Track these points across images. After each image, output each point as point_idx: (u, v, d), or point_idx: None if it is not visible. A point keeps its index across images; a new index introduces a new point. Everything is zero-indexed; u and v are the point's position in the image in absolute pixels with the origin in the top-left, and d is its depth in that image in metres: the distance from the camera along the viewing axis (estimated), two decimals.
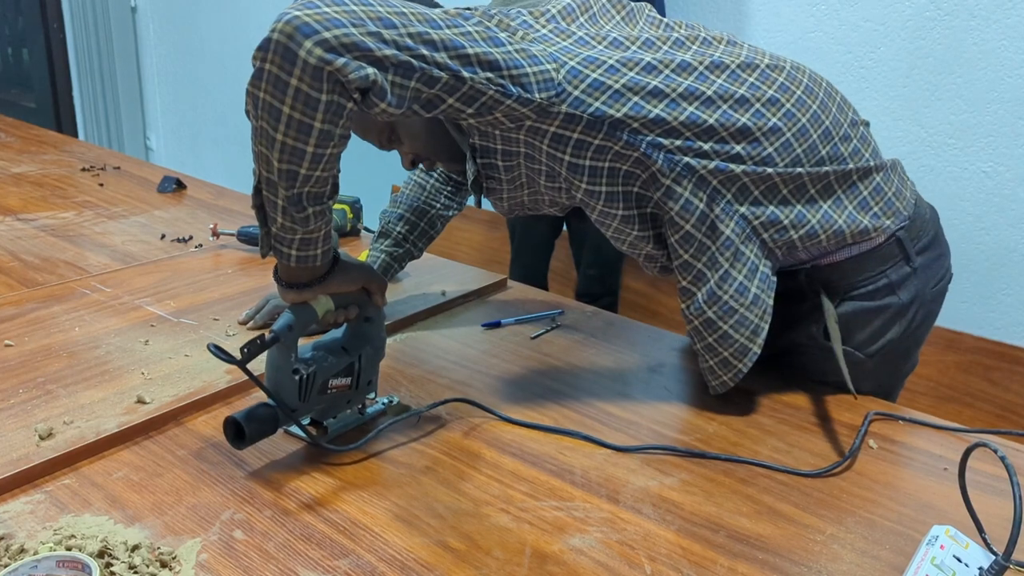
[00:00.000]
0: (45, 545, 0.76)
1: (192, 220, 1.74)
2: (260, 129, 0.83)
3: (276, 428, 0.90)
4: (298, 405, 0.92)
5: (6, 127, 2.60)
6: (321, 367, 0.93)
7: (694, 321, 1.07)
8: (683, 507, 0.89)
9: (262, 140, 0.84)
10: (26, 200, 1.82)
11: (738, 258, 1.04)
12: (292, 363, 0.90)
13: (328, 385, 0.95)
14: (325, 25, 0.78)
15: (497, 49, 0.90)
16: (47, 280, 1.37)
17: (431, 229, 1.37)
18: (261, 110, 0.82)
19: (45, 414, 0.95)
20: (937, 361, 2.21)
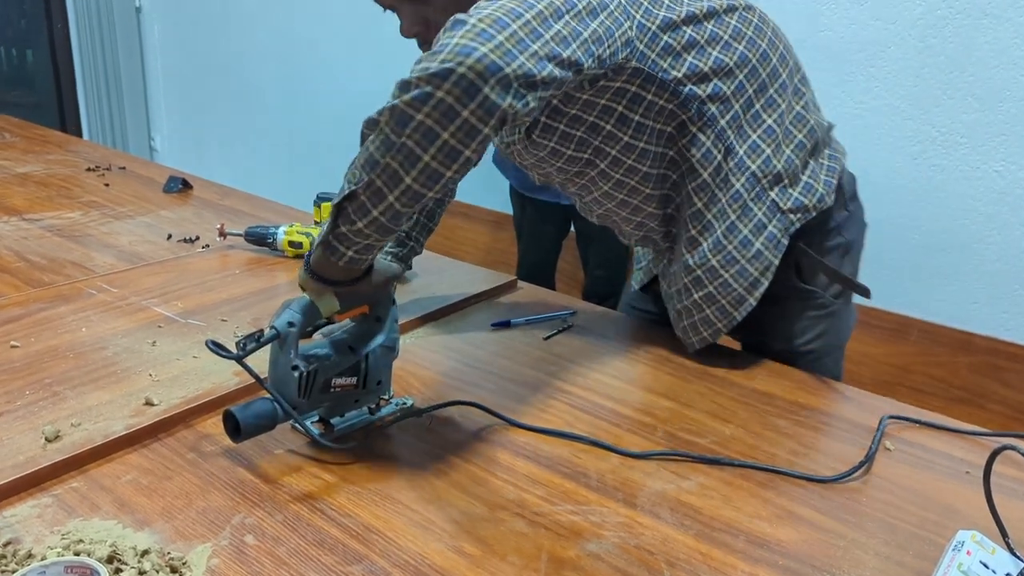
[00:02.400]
0: (53, 550, 0.74)
1: (198, 220, 1.73)
2: (403, 146, 0.82)
3: (275, 424, 0.90)
4: (298, 402, 0.91)
5: (10, 127, 2.59)
6: (323, 365, 0.92)
7: (696, 271, 1.16)
8: (701, 511, 0.87)
9: (398, 156, 0.83)
10: (31, 200, 1.81)
11: (746, 212, 1.13)
12: (292, 359, 0.89)
13: (331, 384, 0.93)
14: (505, 60, 0.81)
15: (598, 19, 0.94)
16: (53, 280, 1.35)
17: (430, 221, 1.36)
18: (412, 130, 0.81)
19: (52, 416, 0.94)
20: (949, 362, 2.19)
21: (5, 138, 2.42)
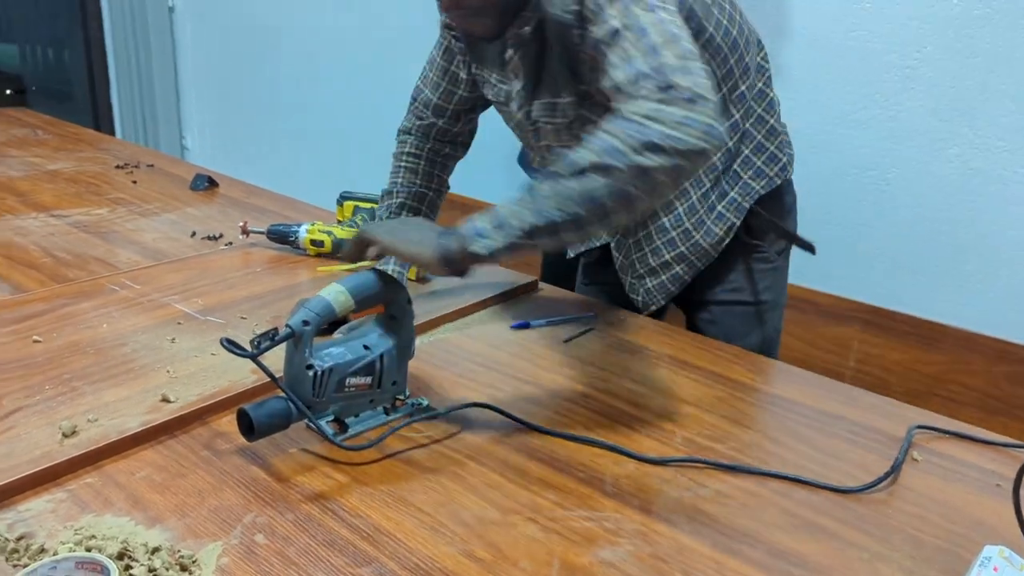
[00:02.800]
0: (65, 545, 0.74)
1: (223, 218, 1.74)
2: (634, 196, 0.88)
3: (289, 423, 0.89)
4: (312, 401, 0.90)
5: (44, 124, 2.62)
6: (338, 364, 0.92)
7: (671, 232, 1.30)
8: (718, 520, 0.85)
9: (622, 201, 0.89)
10: (60, 197, 1.83)
11: (716, 182, 1.28)
12: (306, 358, 0.89)
13: (346, 383, 0.93)
14: (721, 123, 0.91)
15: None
16: (78, 276, 1.36)
17: (438, 199, 1.43)
18: (649, 186, 0.88)
19: (70, 411, 0.94)
20: (985, 371, 2.14)
21: (38, 135, 2.46)
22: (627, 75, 0.92)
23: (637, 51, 0.92)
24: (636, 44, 0.93)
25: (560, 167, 0.90)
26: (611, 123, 0.90)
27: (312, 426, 0.94)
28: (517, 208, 0.90)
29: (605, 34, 0.95)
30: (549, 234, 0.90)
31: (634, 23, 0.94)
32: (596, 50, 0.97)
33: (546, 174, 0.91)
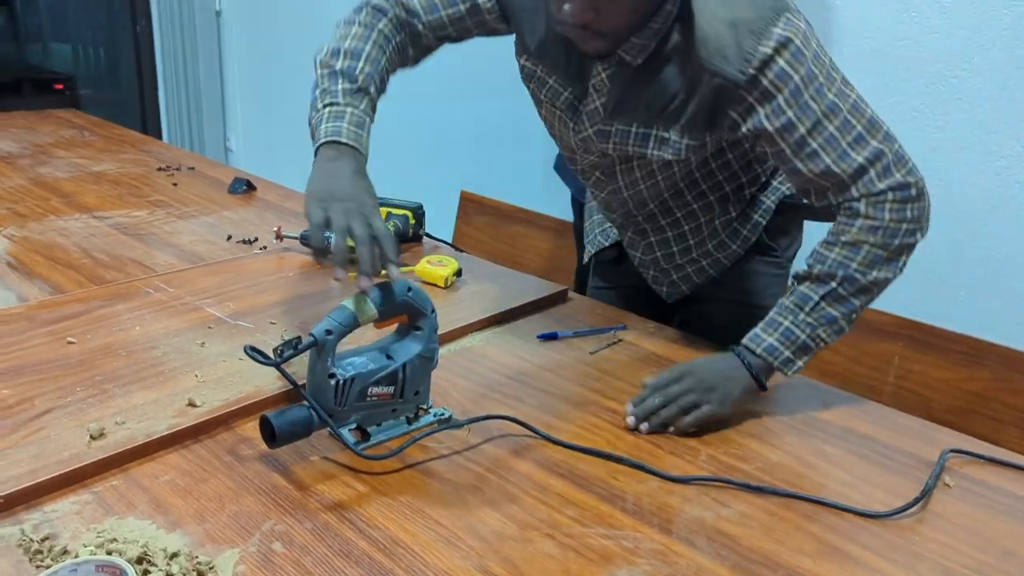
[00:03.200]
0: (87, 548, 0.76)
1: (259, 222, 1.76)
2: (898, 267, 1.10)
3: (311, 431, 0.90)
4: (334, 409, 0.91)
5: (90, 125, 2.68)
6: (360, 373, 0.92)
7: (693, 251, 1.33)
8: (740, 542, 0.84)
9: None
10: (103, 198, 1.87)
11: (745, 210, 1.32)
12: (329, 367, 0.90)
13: (368, 392, 0.93)
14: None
15: None
16: (115, 278, 1.39)
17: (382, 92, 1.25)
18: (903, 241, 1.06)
19: (99, 413, 0.96)
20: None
21: (85, 137, 2.51)
22: (849, 169, 1.03)
23: (847, 143, 1.03)
24: (846, 135, 1.03)
25: (839, 284, 1.05)
26: (864, 231, 1.04)
27: (334, 434, 0.94)
28: (814, 330, 1.07)
29: (802, 118, 1.02)
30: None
31: (832, 109, 1.02)
32: (784, 128, 1.03)
33: (825, 290, 1.06)
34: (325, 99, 1.08)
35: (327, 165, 1.03)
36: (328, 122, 1.06)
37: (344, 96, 1.08)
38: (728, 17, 1.00)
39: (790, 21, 1.00)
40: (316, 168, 1.04)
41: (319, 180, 1.02)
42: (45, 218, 1.70)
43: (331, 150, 1.04)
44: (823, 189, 1.07)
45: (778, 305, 1.10)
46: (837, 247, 1.06)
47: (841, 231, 1.06)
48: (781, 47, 0.99)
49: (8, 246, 1.52)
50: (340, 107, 1.07)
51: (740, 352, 1.09)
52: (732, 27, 1.00)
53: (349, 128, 1.06)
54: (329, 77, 1.09)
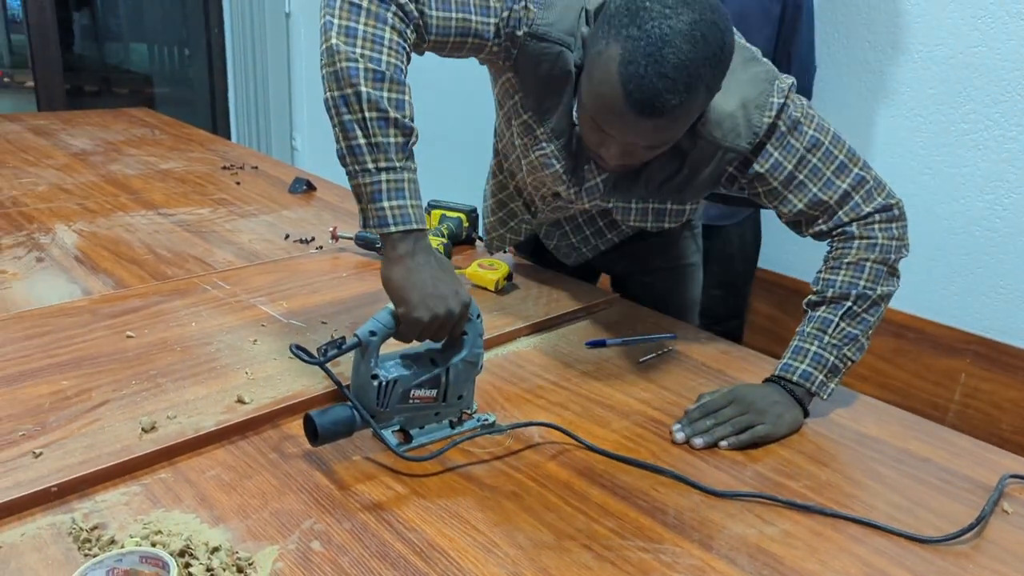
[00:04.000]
0: (132, 539, 0.78)
1: (316, 222, 1.79)
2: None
3: (352, 431, 0.91)
4: (377, 410, 0.92)
5: (161, 124, 2.76)
6: (403, 376, 0.93)
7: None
8: (783, 561, 0.82)
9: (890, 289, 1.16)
10: (169, 195, 1.92)
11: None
12: (372, 368, 0.91)
13: (410, 395, 0.94)
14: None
15: None
16: (175, 274, 1.43)
17: None
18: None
19: (151, 407, 0.98)
20: None
21: (155, 135, 2.59)
22: (835, 195, 1.11)
23: (830, 172, 1.11)
24: (828, 165, 1.11)
25: (854, 303, 1.10)
26: (863, 250, 1.11)
27: (376, 435, 0.95)
28: (840, 351, 1.09)
29: (788, 156, 1.11)
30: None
31: (814, 143, 1.11)
32: (773, 167, 1.12)
33: (842, 311, 1.10)
34: (379, 160, 0.94)
35: (413, 265, 0.94)
36: (390, 198, 0.95)
37: (398, 154, 0.95)
38: (738, 99, 1.08)
39: (779, 86, 1.09)
40: (397, 265, 0.94)
41: (414, 280, 0.93)
42: (113, 214, 1.75)
43: (408, 241, 0.95)
44: (813, 219, 1.15)
45: (799, 334, 1.12)
46: (842, 270, 1.12)
47: (841, 255, 1.13)
48: (780, 112, 1.09)
49: (77, 240, 1.58)
50: (397, 172, 0.95)
51: (779, 381, 1.10)
52: (743, 108, 1.09)
53: (413, 207, 0.96)
54: (380, 124, 0.94)
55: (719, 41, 0.94)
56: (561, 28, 1.08)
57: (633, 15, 0.92)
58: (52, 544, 0.77)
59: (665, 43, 0.91)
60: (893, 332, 2.42)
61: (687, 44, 0.91)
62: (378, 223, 0.95)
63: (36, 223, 1.66)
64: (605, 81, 0.94)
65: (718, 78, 0.97)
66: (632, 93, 0.92)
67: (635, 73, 0.92)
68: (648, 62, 0.91)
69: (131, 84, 4.94)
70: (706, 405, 1.06)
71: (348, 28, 0.95)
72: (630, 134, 0.98)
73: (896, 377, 2.45)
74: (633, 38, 0.92)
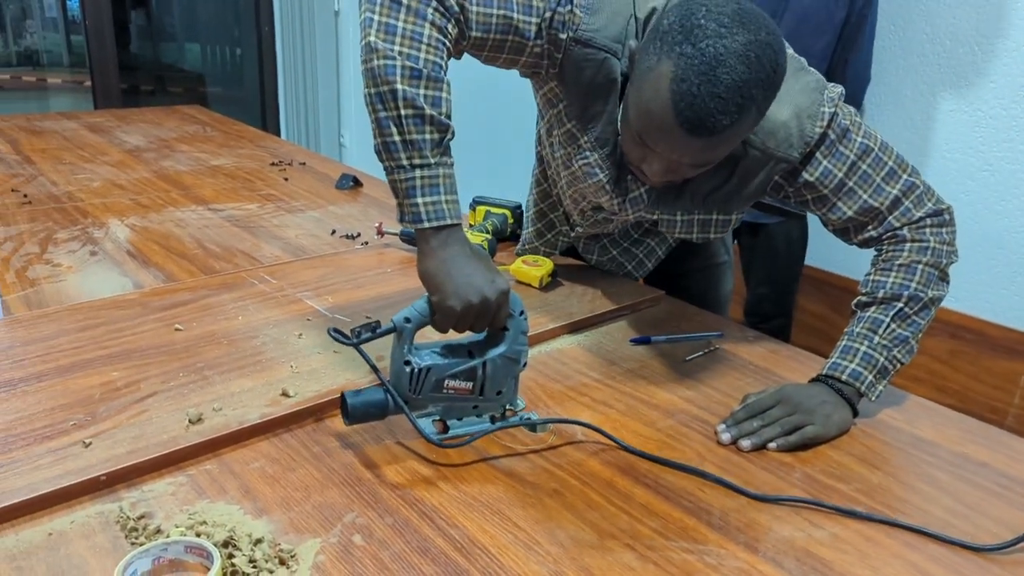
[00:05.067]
0: (178, 529, 0.78)
1: (363, 217, 1.80)
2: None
3: (385, 414, 0.93)
4: (409, 396, 0.93)
5: (213, 122, 2.81)
6: (437, 365, 0.93)
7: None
8: (832, 566, 0.80)
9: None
10: (219, 191, 1.95)
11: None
12: (405, 354, 0.92)
13: (444, 385, 0.95)
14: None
15: None
16: (224, 268, 1.45)
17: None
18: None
19: (198, 399, 0.99)
20: None
21: (207, 132, 2.63)
22: (885, 201, 1.11)
23: (880, 179, 1.10)
24: (878, 172, 1.10)
25: (906, 304, 1.08)
26: (915, 253, 1.10)
27: (409, 421, 0.95)
28: (890, 352, 1.07)
29: (838, 164, 1.10)
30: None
31: (864, 151, 1.10)
32: (823, 175, 1.11)
33: (893, 311, 1.08)
34: (413, 157, 0.95)
35: (447, 256, 0.95)
36: (423, 194, 0.95)
37: (433, 151, 0.95)
38: (791, 109, 1.07)
39: (828, 95, 1.09)
40: (431, 258, 0.95)
41: (447, 270, 0.94)
42: (164, 209, 1.78)
43: (442, 235, 0.96)
44: (862, 225, 1.14)
45: (847, 334, 1.10)
46: (893, 272, 1.10)
47: (892, 257, 1.12)
48: (831, 121, 1.09)
49: (129, 235, 1.61)
50: (432, 168, 0.95)
51: (827, 380, 1.07)
52: (796, 117, 1.08)
53: (448, 202, 0.96)
54: (415, 121, 0.94)
55: (772, 63, 0.92)
56: (607, 35, 1.07)
57: (687, 32, 0.90)
58: (100, 532, 0.79)
59: (719, 63, 0.89)
60: (950, 333, 2.36)
61: (741, 65, 0.89)
62: (412, 219, 0.96)
63: (91, 218, 1.70)
64: (655, 98, 0.93)
65: (769, 99, 0.96)
66: (683, 112, 0.91)
67: (687, 92, 0.90)
68: (701, 81, 0.89)
69: (185, 83, 5.04)
70: (752, 405, 1.03)
71: (387, 25, 0.95)
72: (676, 152, 0.97)
73: (953, 380, 2.39)
74: (687, 56, 0.90)
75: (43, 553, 0.76)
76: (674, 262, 1.48)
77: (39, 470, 0.84)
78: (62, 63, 4.82)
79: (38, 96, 4.70)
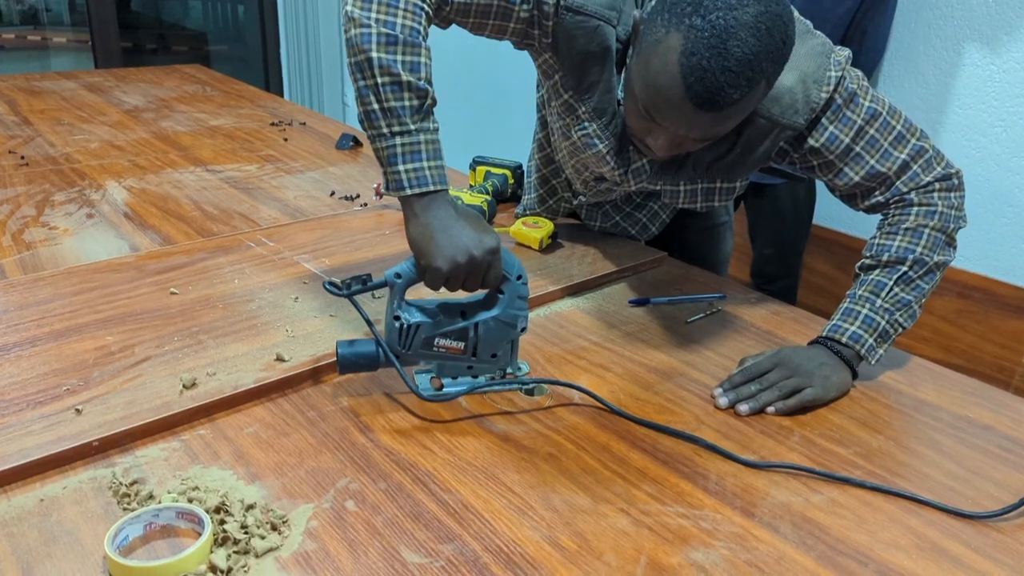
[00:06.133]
0: (170, 495, 0.78)
1: (362, 178, 1.77)
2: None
3: (376, 365, 0.95)
4: (399, 351, 0.94)
5: (213, 81, 2.77)
6: (425, 322, 0.94)
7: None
8: (829, 531, 0.79)
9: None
10: (217, 152, 1.93)
11: None
12: (395, 309, 0.93)
13: (435, 343, 0.95)
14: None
15: None
16: (221, 231, 1.43)
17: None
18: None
19: (192, 363, 0.99)
20: None
21: (206, 92, 2.60)
22: (893, 166, 1.08)
23: (888, 143, 1.08)
24: (885, 136, 1.08)
25: (910, 268, 1.06)
26: (922, 216, 1.07)
27: (399, 373, 0.95)
28: (892, 316, 1.05)
29: (844, 129, 1.07)
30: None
31: (872, 115, 1.07)
32: (829, 140, 1.08)
33: (897, 275, 1.06)
34: (392, 124, 0.93)
35: (431, 219, 0.93)
36: (404, 161, 0.93)
37: (413, 117, 0.93)
38: (796, 74, 1.04)
39: (835, 58, 1.06)
40: (415, 223, 0.94)
41: (431, 233, 0.93)
42: (162, 171, 1.77)
43: (425, 200, 0.94)
44: (869, 191, 1.12)
45: (849, 296, 1.08)
46: (899, 235, 1.08)
47: (899, 221, 1.09)
48: (837, 85, 1.06)
49: (127, 197, 1.59)
50: (412, 135, 0.93)
51: (826, 343, 1.05)
52: (802, 83, 1.04)
53: (431, 168, 0.94)
54: (393, 89, 0.92)
55: (782, 34, 0.89)
56: (599, 2, 1.04)
57: (696, 4, 0.87)
58: (92, 498, 0.78)
59: (730, 35, 0.86)
60: (958, 292, 2.33)
61: (752, 37, 0.86)
62: (395, 186, 0.95)
63: (88, 180, 1.69)
64: (663, 72, 0.90)
65: (778, 71, 0.93)
66: (693, 86, 0.88)
67: (697, 65, 0.87)
68: (712, 54, 0.86)
69: (187, 42, 4.99)
70: (749, 369, 1.02)
71: None
72: (684, 126, 0.94)
73: (960, 339, 2.37)
74: (696, 28, 0.87)
75: (35, 519, 0.75)
76: (674, 223, 1.46)
77: (32, 435, 0.84)
78: (62, 22, 4.76)
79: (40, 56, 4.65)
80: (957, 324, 2.36)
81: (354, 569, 0.71)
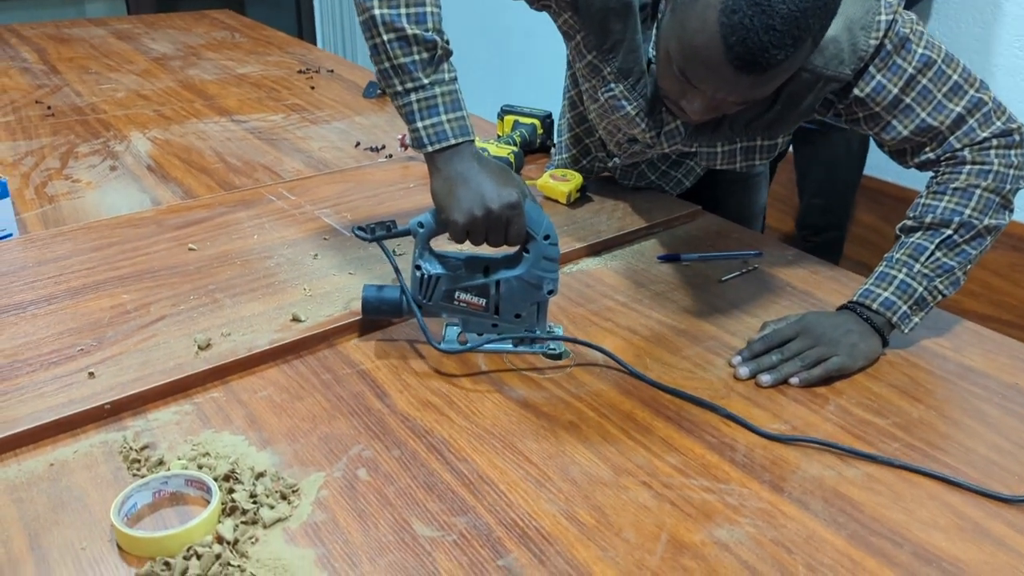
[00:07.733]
0: (179, 461, 0.77)
1: (389, 128, 1.73)
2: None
3: (399, 312, 0.95)
4: (421, 301, 0.94)
5: (241, 27, 2.73)
6: (445, 275, 0.93)
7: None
8: (862, 509, 0.75)
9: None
10: (243, 101, 1.89)
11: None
12: (417, 259, 0.92)
13: (455, 296, 0.94)
14: None
15: None
16: (243, 184, 1.41)
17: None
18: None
19: (208, 323, 0.97)
20: None
21: (235, 38, 2.56)
22: (946, 120, 1.00)
23: (942, 95, 0.99)
24: (939, 87, 0.99)
25: (955, 231, 0.99)
26: (975, 176, 1.00)
27: (418, 322, 0.94)
28: (931, 282, 0.98)
29: (892, 78, 0.99)
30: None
31: (925, 63, 0.99)
32: (875, 90, 1.00)
33: (940, 239, 0.99)
34: (405, 81, 0.90)
35: (452, 172, 0.90)
36: (422, 118, 0.90)
37: (425, 71, 0.89)
38: (842, 20, 0.96)
39: (886, 1, 0.98)
40: (437, 176, 0.91)
41: (450, 186, 0.90)
42: (187, 121, 1.74)
43: (447, 153, 0.91)
44: (920, 146, 1.04)
45: (886, 260, 1.01)
46: (947, 196, 1.01)
47: (948, 180, 1.02)
48: (888, 30, 0.97)
49: (150, 148, 1.57)
50: (427, 90, 0.90)
51: (855, 308, 0.99)
52: (848, 30, 0.97)
53: (450, 121, 0.91)
54: (399, 44, 0.88)
55: None
56: None
57: None
58: (103, 463, 0.77)
59: None
60: (1012, 245, 2.23)
61: None
62: (416, 143, 0.92)
63: (113, 130, 1.67)
64: (702, 31, 0.82)
65: (825, 28, 0.85)
66: (734, 47, 0.81)
67: (739, 24, 0.80)
68: (755, 12, 0.79)
69: None
70: (770, 337, 0.97)
71: None
72: (722, 90, 0.87)
73: (1012, 295, 2.27)
74: None
75: (44, 484, 0.74)
76: (707, 175, 1.39)
77: (43, 397, 0.83)
78: None
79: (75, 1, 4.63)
80: (1010, 279, 2.27)
81: (363, 542, 0.69)
